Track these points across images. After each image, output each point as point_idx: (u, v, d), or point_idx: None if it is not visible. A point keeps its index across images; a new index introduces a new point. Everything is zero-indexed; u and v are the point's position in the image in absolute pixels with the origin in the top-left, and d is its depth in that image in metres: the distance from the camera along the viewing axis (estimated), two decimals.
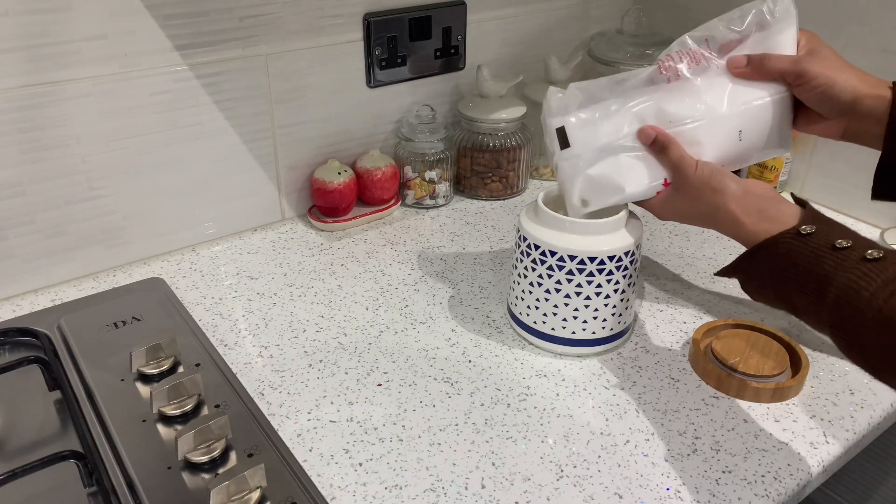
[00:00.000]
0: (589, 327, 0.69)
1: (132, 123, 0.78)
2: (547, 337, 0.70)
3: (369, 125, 0.97)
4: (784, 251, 0.54)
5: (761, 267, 0.56)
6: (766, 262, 0.56)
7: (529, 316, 0.71)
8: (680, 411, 0.64)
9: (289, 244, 0.90)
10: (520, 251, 0.70)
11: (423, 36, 0.96)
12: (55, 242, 0.78)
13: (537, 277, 0.68)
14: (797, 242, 0.53)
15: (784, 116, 0.66)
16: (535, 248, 0.67)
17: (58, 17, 0.70)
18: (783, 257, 0.54)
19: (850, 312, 0.49)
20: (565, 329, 0.69)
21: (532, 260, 0.68)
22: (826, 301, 0.51)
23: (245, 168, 0.88)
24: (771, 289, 0.56)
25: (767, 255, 0.55)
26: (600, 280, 0.66)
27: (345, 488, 0.56)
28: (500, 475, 0.57)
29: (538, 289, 0.68)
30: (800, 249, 0.53)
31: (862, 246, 0.51)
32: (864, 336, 0.48)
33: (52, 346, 0.69)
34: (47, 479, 0.54)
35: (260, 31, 0.82)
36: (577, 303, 0.67)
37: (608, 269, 0.66)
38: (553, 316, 0.69)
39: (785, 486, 0.57)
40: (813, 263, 0.52)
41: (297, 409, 0.64)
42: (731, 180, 0.61)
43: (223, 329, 0.74)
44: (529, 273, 0.69)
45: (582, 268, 0.66)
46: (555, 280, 0.67)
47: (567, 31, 1.13)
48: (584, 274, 0.66)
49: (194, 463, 0.55)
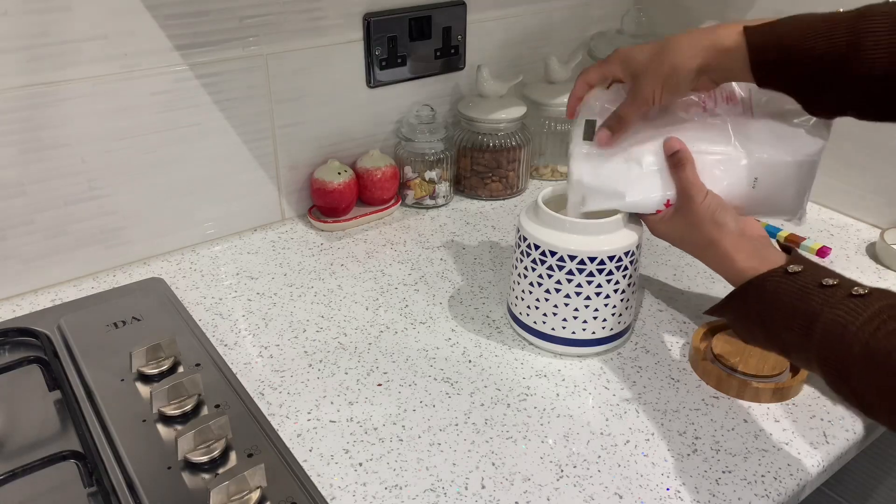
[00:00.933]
0: (589, 327, 0.69)
1: (132, 123, 0.78)
2: (547, 337, 0.70)
3: (369, 125, 0.97)
4: (772, 288, 0.55)
5: (750, 305, 0.57)
6: (755, 300, 0.56)
7: (529, 316, 0.71)
8: (680, 411, 0.64)
9: (289, 244, 0.90)
10: (520, 251, 0.70)
11: (423, 36, 0.96)
12: (55, 242, 0.78)
13: (537, 277, 0.68)
14: (785, 280, 0.55)
15: (803, 181, 0.66)
16: (535, 248, 0.67)
17: (58, 17, 0.70)
18: (771, 294, 0.55)
19: (837, 347, 0.49)
20: (565, 329, 0.69)
21: (532, 260, 0.68)
22: (813, 337, 0.51)
23: (245, 168, 0.88)
24: (759, 326, 0.56)
25: (756, 293, 0.56)
26: (600, 280, 0.66)
27: (345, 488, 0.56)
28: (500, 475, 0.57)
29: (538, 289, 0.69)
30: (787, 287, 0.54)
31: (848, 284, 0.52)
32: (852, 371, 0.49)
33: (52, 346, 0.69)
34: (47, 479, 0.54)
35: (260, 31, 0.82)
36: (577, 303, 0.67)
37: (608, 269, 0.66)
38: (553, 316, 0.69)
39: (785, 486, 0.57)
40: (800, 300, 0.53)
41: (297, 409, 0.64)
42: (732, 218, 0.62)
43: (223, 329, 0.74)
44: (529, 273, 0.69)
45: (582, 268, 0.66)
46: (555, 280, 0.67)
47: (567, 31, 1.13)
48: (584, 274, 0.66)
49: (194, 463, 0.55)
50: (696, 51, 0.60)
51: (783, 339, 0.54)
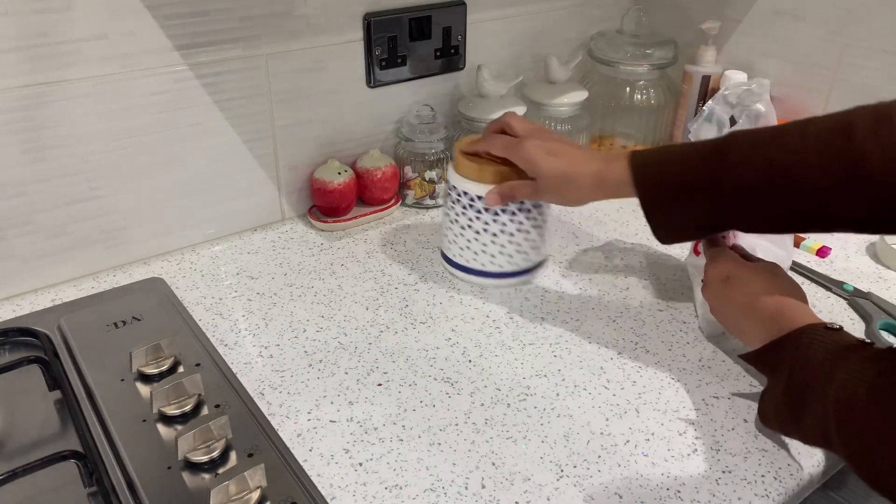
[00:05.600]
0: (496, 261, 0.79)
1: (132, 123, 0.78)
2: (478, 273, 0.81)
3: (369, 125, 0.97)
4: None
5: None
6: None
7: (462, 256, 0.81)
8: (680, 411, 0.64)
9: (289, 244, 0.90)
10: (451, 200, 0.80)
11: (423, 36, 0.96)
12: (55, 242, 0.78)
13: (467, 221, 0.79)
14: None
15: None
16: (464, 195, 0.78)
17: (58, 17, 0.70)
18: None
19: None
20: (493, 264, 0.80)
21: (462, 206, 0.78)
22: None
23: (245, 168, 0.88)
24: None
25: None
26: (504, 219, 0.77)
27: (345, 488, 0.56)
28: (500, 475, 0.57)
29: (468, 231, 0.79)
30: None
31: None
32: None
33: (52, 346, 0.69)
34: (47, 479, 0.54)
35: (260, 31, 0.82)
36: (485, 238, 0.78)
37: (511, 210, 0.77)
38: (482, 253, 0.79)
39: (785, 486, 0.57)
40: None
41: (297, 409, 0.64)
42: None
43: (223, 329, 0.74)
44: (460, 218, 0.79)
45: (521, 206, 0.77)
46: (483, 221, 0.78)
47: (567, 31, 1.13)
48: (490, 213, 0.77)
49: (194, 463, 0.55)
50: (590, 193, 0.70)
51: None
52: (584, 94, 1.04)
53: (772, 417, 0.59)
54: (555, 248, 0.90)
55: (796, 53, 0.99)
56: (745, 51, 1.05)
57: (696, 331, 0.75)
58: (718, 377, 0.68)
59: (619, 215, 0.98)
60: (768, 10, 1.01)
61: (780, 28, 1.00)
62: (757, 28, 1.03)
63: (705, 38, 1.05)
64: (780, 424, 0.58)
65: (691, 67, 1.07)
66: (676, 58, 1.08)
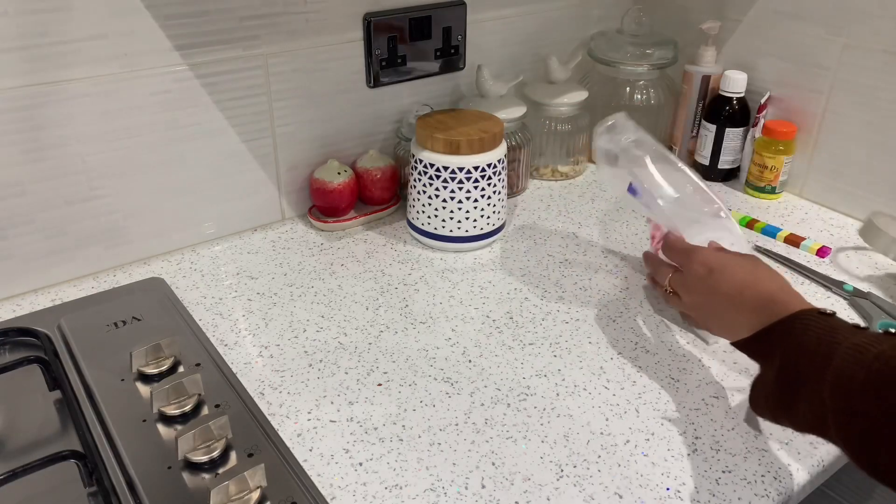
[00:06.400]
0: (463, 226, 0.86)
1: (132, 123, 0.78)
2: (443, 238, 0.87)
3: (369, 125, 0.97)
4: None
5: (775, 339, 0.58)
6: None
7: (430, 224, 0.87)
8: (680, 411, 0.64)
9: (289, 244, 0.90)
10: (417, 172, 0.86)
11: (423, 36, 0.96)
12: (55, 242, 0.78)
13: (434, 191, 0.85)
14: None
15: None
16: (430, 167, 0.84)
17: (58, 17, 0.70)
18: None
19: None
20: (460, 229, 0.86)
21: (428, 177, 0.85)
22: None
23: (245, 168, 0.88)
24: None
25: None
26: (468, 186, 0.84)
27: (345, 488, 0.56)
28: (500, 475, 0.57)
29: (436, 199, 0.85)
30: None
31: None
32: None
33: (52, 346, 0.69)
34: (47, 479, 0.54)
35: (260, 31, 0.82)
36: (452, 206, 0.85)
37: (474, 178, 0.84)
38: (450, 220, 0.86)
39: (785, 486, 0.57)
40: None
41: (297, 409, 0.64)
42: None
43: (223, 329, 0.74)
44: (428, 188, 0.85)
45: (469, 176, 0.84)
46: (449, 190, 0.84)
47: (567, 31, 1.13)
48: (456, 181, 0.84)
49: (194, 463, 0.55)
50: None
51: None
52: (584, 94, 1.05)
53: (763, 405, 0.58)
54: (555, 247, 0.90)
55: (796, 53, 0.99)
56: (745, 51, 1.05)
57: (695, 331, 0.75)
58: (718, 377, 0.68)
59: (620, 215, 0.98)
60: (768, 10, 1.01)
61: (780, 28, 1.00)
62: (757, 28, 1.03)
63: (705, 38, 1.05)
64: (772, 412, 0.58)
65: (691, 67, 1.07)
66: (676, 58, 1.08)
